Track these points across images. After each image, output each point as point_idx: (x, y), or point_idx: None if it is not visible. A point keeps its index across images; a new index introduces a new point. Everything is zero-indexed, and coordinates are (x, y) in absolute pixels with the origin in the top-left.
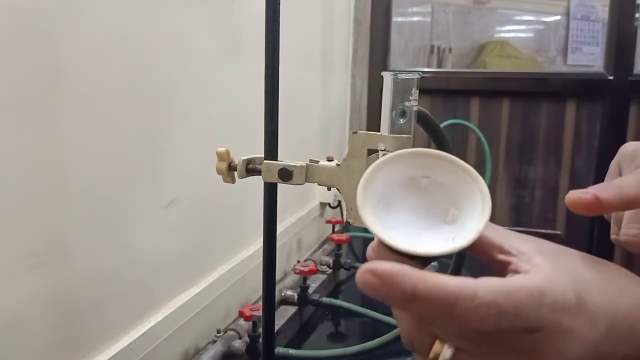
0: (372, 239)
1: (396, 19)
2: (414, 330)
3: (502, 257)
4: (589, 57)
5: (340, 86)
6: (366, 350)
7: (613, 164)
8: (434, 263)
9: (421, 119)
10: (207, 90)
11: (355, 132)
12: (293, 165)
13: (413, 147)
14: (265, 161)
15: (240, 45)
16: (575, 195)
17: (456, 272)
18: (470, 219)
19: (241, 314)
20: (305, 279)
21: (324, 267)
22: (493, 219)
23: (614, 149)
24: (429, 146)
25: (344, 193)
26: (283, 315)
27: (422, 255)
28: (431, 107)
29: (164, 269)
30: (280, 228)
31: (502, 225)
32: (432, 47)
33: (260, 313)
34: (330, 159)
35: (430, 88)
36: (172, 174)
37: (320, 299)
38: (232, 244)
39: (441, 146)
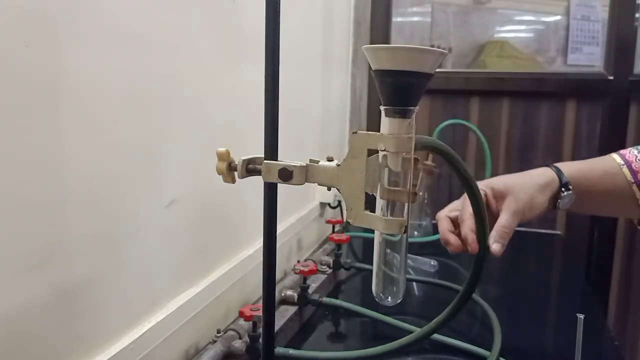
0: (372, 239)
1: (396, 19)
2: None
3: None
4: (589, 57)
5: (340, 86)
6: (368, 357)
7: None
8: (433, 262)
9: (439, 152)
10: (207, 90)
11: (355, 132)
12: (293, 165)
13: (413, 149)
14: (265, 161)
15: (240, 45)
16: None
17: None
18: None
19: (241, 314)
20: (305, 279)
21: (324, 267)
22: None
23: (614, 149)
24: (427, 155)
25: (344, 193)
26: (283, 315)
27: None
28: (431, 107)
29: (164, 269)
30: (280, 228)
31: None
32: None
33: (260, 313)
34: (330, 159)
35: (430, 88)
36: (172, 174)
37: (320, 299)
38: (232, 244)
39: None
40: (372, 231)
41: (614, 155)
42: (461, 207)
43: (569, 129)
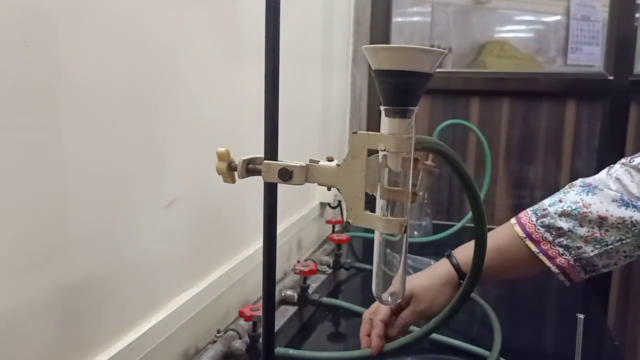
0: (372, 239)
1: (396, 19)
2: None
3: None
4: (589, 57)
5: (340, 86)
6: (368, 357)
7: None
8: (433, 263)
9: (439, 153)
10: (207, 90)
11: (355, 132)
12: (293, 166)
13: (412, 149)
14: (265, 161)
15: (240, 45)
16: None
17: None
18: None
19: (241, 314)
20: (305, 279)
21: (324, 267)
22: (493, 219)
23: (614, 149)
24: (427, 155)
25: (344, 193)
26: (283, 315)
27: None
28: (431, 107)
29: (164, 269)
30: (280, 228)
31: (502, 224)
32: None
33: (260, 313)
34: (330, 159)
35: (430, 88)
36: (172, 174)
37: (320, 299)
38: (232, 244)
39: (461, 176)
40: (372, 231)
41: (512, 220)
42: (374, 310)
43: (569, 129)
